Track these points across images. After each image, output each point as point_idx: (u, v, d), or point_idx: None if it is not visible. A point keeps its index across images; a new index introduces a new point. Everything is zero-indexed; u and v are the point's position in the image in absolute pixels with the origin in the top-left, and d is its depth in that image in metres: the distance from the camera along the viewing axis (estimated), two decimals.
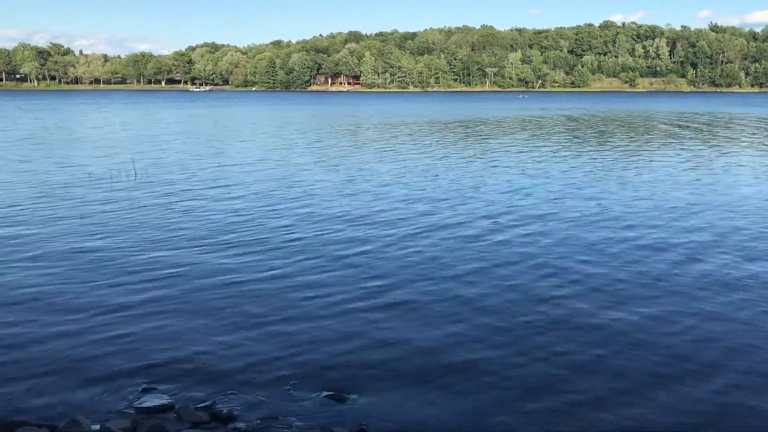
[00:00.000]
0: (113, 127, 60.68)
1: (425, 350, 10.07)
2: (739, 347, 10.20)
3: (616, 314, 11.56)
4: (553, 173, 29.38)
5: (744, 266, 14.48)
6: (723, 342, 10.38)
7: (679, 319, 11.31)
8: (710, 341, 10.42)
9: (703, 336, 10.63)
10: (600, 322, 11.23)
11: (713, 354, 9.95)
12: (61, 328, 10.83)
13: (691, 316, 11.44)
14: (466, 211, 20.61)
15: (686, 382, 9.01)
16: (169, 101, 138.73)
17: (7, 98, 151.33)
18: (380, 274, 13.90)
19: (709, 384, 9.00)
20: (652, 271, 14.09)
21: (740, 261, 14.90)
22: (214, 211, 20.46)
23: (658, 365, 9.53)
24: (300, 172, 29.59)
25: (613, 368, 9.46)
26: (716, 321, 11.27)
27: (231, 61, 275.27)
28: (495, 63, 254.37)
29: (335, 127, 60.94)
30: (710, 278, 13.58)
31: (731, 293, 12.68)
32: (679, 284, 13.18)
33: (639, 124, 66.91)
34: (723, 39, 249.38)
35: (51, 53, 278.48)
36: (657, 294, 12.62)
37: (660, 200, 22.46)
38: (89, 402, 8.43)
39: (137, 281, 13.31)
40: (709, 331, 10.85)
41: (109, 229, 17.95)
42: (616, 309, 11.81)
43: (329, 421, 8.01)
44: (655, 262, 14.72)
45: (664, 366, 9.50)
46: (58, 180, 26.83)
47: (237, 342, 10.33)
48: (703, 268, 14.33)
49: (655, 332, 10.78)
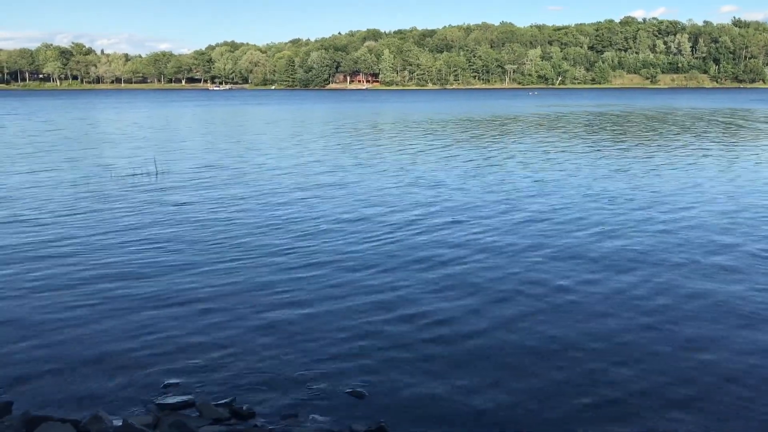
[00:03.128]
0: (146, 127, 61.25)
1: (445, 349, 10.07)
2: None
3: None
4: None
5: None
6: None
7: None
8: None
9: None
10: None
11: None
12: (82, 325, 10.97)
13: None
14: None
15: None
16: (190, 100, 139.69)
17: (38, 97, 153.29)
18: (394, 272, 13.92)
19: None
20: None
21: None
22: (250, 213, 20.60)
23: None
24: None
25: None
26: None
27: (250, 60, 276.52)
28: (514, 60, 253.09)
29: (375, 125, 61.06)
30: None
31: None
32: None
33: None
34: (746, 34, 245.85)
35: (73, 53, 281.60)
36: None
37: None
38: (111, 398, 8.53)
39: (158, 278, 13.44)
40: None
41: (133, 225, 18.14)
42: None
43: (348, 418, 8.04)
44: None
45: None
46: (84, 178, 27.17)
47: (257, 340, 10.39)
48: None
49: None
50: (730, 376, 9.13)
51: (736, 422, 7.99)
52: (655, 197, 22.41)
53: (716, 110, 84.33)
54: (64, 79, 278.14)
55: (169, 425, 6.92)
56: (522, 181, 26.36)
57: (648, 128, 55.78)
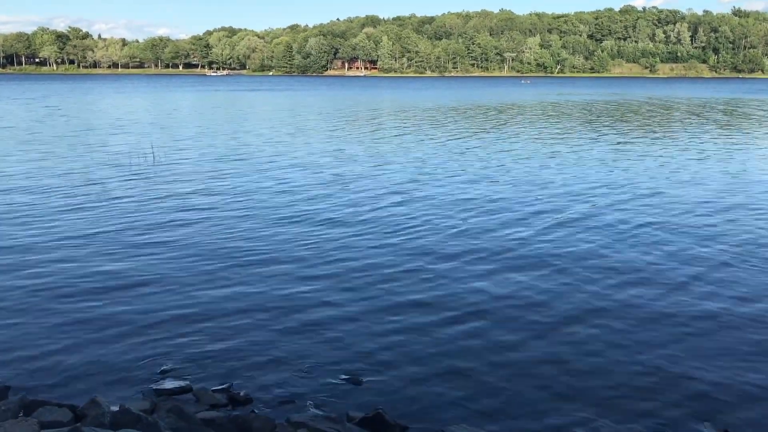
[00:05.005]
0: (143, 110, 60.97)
1: (443, 335, 10.08)
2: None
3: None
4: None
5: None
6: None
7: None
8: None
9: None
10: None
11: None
12: (80, 311, 10.95)
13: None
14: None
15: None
16: (190, 86, 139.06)
17: (36, 81, 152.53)
18: (388, 260, 13.92)
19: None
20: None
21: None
22: (249, 200, 20.57)
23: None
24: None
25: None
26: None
27: (248, 46, 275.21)
28: (513, 48, 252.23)
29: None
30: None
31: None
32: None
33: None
34: (746, 24, 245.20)
35: (70, 37, 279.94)
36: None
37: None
38: (109, 383, 8.53)
39: (155, 263, 13.42)
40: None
41: (128, 211, 18.09)
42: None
43: (345, 404, 8.04)
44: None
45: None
46: (82, 165, 27.07)
47: (254, 327, 10.38)
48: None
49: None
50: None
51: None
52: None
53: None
54: (61, 64, 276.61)
55: (167, 411, 6.90)
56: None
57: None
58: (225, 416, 7.29)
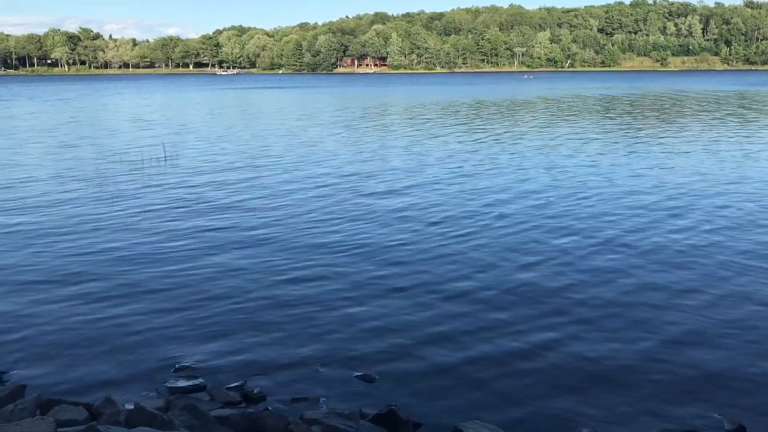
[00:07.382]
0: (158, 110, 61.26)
1: (454, 333, 10.07)
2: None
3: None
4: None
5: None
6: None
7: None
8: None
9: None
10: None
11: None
12: (95, 310, 11.02)
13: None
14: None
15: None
16: (201, 86, 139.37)
17: (48, 83, 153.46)
18: (400, 258, 13.92)
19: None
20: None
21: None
22: (262, 198, 20.63)
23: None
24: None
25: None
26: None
27: (258, 44, 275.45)
28: (523, 42, 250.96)
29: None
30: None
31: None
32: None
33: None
34: (759, 15, 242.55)
35: (81, 38, 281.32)
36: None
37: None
38: (123, 381, 8.59)
39: (167, 263, 13.49)
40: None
41: (141, 210, 18.18)
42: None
43: (359, 401, 8.06)
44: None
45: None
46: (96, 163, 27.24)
47: (268, 324, 10.41)
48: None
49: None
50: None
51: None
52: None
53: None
54: (72, 65, 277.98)
55: (181, 408, 6.94)
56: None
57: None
58: (239, 414, 7.32)
